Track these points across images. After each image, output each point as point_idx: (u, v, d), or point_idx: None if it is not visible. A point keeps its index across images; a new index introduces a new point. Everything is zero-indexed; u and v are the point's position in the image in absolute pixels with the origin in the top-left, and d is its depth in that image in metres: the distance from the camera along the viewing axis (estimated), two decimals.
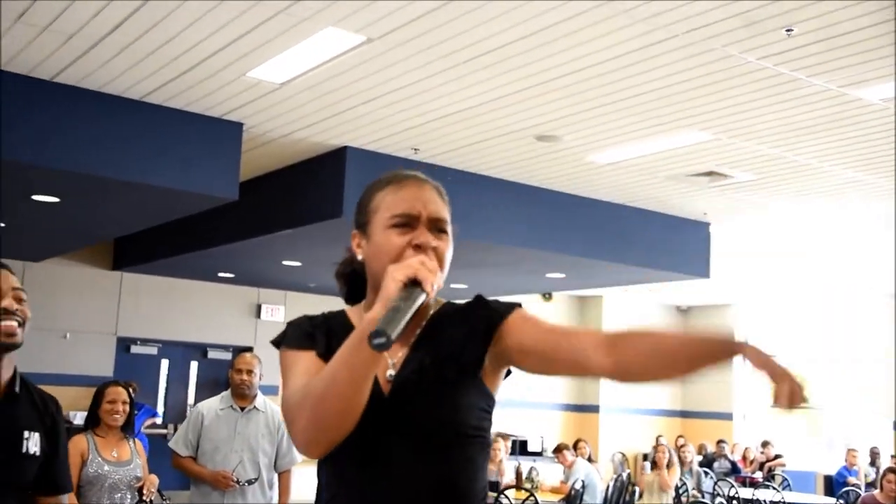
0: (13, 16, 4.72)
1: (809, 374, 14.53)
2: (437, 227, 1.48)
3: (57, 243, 9.25)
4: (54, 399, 2.37)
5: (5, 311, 2.15)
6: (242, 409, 4.54)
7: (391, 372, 1.49)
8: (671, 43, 4.69)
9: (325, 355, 1.49)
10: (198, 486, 4.52)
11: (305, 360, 1.50)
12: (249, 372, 4.55)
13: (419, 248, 1.45)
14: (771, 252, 10.42)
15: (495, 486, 8.23)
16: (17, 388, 2.23)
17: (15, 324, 2.17)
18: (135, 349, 11.25)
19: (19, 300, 2.20)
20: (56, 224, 7.85)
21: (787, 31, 4.43)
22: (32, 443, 2.21)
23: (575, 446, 10.01)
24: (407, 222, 1.47)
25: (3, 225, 7.97)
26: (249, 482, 4.45)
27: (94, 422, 4.29)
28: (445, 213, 1.51)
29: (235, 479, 4.39)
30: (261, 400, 4.62)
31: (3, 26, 4.86)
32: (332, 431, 1.39)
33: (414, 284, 1.33)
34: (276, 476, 4.64)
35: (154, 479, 4.36)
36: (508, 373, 1.60)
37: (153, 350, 11.42)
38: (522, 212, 7.90)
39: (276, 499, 4.67)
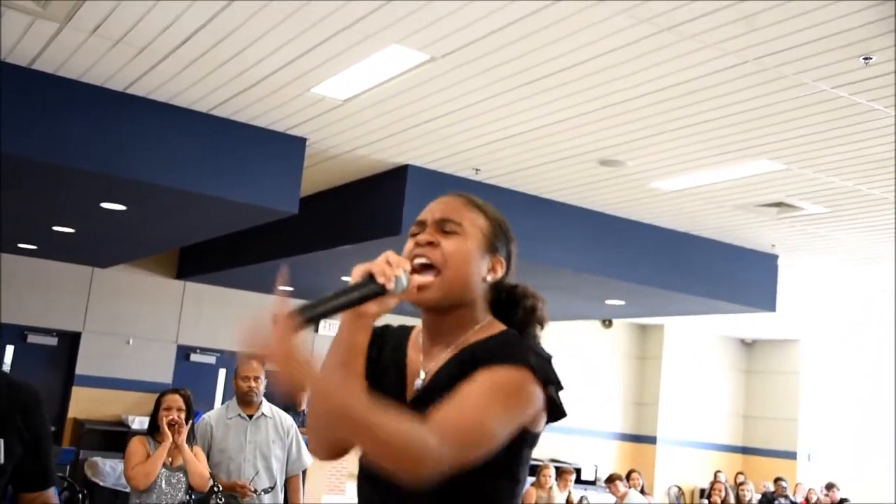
0: (89, 28, 4.84)
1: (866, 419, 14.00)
2: (441, 227, 1.55)
3: (124, 251, 9.45)
4: (32, 391, 2.20)
5: None
6: (250, 416, 4.52)
7: (419, 381, 1.55)
8: (742, 69, 4.57)
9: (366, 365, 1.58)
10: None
11: None
12: (256, 378, 4.52)
13: (417, 245, 1.54)
14: (840, 288, 10.08)
15: None
16: None
17: None
18: (194, 357, 11.42)
19: None
20: (123, 232, 8.02)
21: (865, 59, 4.27)
22: None
23: (628, 477, 9.79)
24: (419, 230, 1.57)
25: (73, 231, 8.18)
26: (266, 491, 4.43)
27: (153, 428, 4.36)
28: (457, 214, 1.56)
29: (253, 489, 4.36)
30: (266, 406, 4.59)
31: (78, 39, 5.00)
32: (319, 426, 1.52)
33: (370, 277, 1.42)
34: (283, 481, 4.61)
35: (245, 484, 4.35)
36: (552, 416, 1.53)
37: (211, 359, 11.57)
38: (583, 236, 7.79)
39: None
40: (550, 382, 1.46)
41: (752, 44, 4.26)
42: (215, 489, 4.32)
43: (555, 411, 1.49)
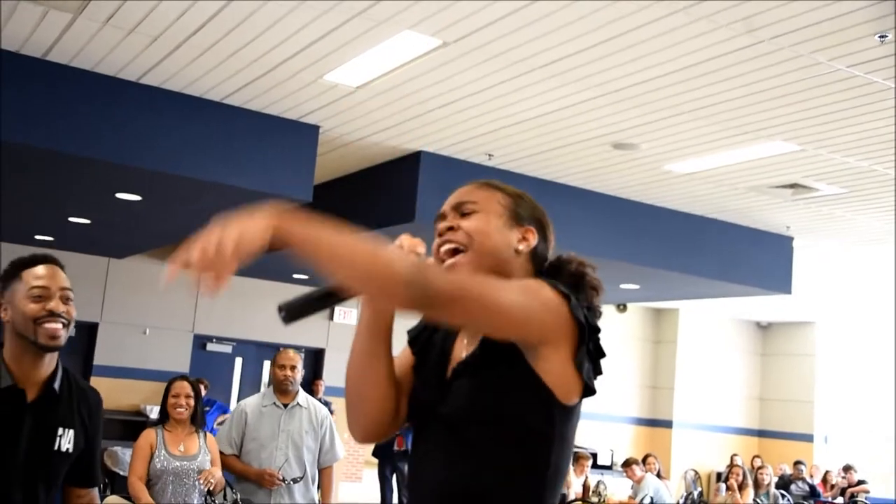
0: (102, 18, 4.86)
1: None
2: (459, 210, 1.58)
3: (139, 241, 9.50)
4: (95, 393, 2.35)
5: (51, 314, 2.12)
6: (285, 405, 4.51)
7: (463, 355, 1.56)
8: (755, 49, 4.54)
9: (412, 342, 1.67)
10: (242, 484, 4.47)
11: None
12: (293, 368, 4.51)
13: (440, 235, 1.59)
14: (856, 269, 10.02)
15: (562, 499, 8.11)
16: (56, 385, 2.19)
17: (59, 325, 2.14)
18: (210, 347, 11.49)
19: (66, 300, 2.18)
20: (139, 222, 8.06)
21: (881, 37, 4.24)
22: (66, 440, 2.20)
23: (644, 461, 9.79)
24: (439, 219, 1.62)
25: (89, 221, 8.23)
26: (295, 480, 4.42)
27: (164, 416, 4.38)
28: (471, 196, 1.59)
29: (281, 478, 4.36)
30: (302, 396, 4.58)
31: (91, 29, 5.01)
32: (354, 409, 1.57)
33: None
34: (317, 472, 4.62)
35: (214, 472, 4.36)
36: (596, 371, 1.50)
37: (228, 348, 11.65)
38: (597, 220, 7.77)
39: (317, 496, 4.65)
40: (570, 298, 1.44)
41: (766, 23, 4.23)
42: (235, 496, 4.35)
43: (581, 356, 1.44)
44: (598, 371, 1.48)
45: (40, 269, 2.17)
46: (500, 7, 4.29)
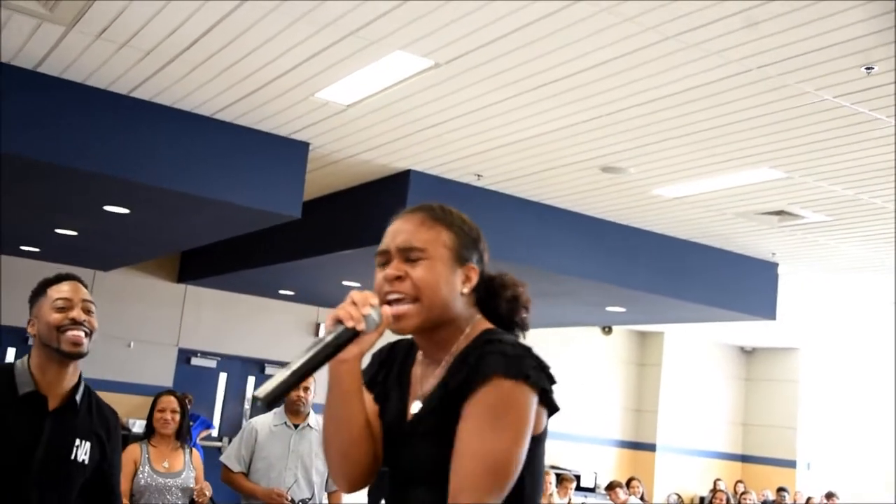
0: (95, 32, 4.86)
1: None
2: (406, 256, 1.54)
3: (126, 254, 9.47)
4: (114, 411, 2.47)
5: (74, 322, 2.27)
6: (296, 426, 4.50)
7: (418, 403, 1.56)
8: (744, 77, 4.59)
9: (370, 385, 1.64)
10: (249, 501, 4.47)
11: None
12: (306, 388, 4.50)
13: (386, 280, 1.54)
14: (840, 297, 10.09)
15: None
16: (77, 397, 2.33)
17: (82, 334, 2.28)
18: (195, 361, 11.43)
19: (88, 311, 2.33)
20: (126, 234, 8.04)
21: (867, 69, 4.30)
22: (82, 451, 2.29)
23: (628, 484, 9.79)
24: (383, 259, 1.57)
25: (75, 233, 8.19)
26: (304, 502, 4.39)
27: (150, 431, 4.36)
28: (418, 238, 1.54)
29: (290, 499, 4.34)
30: (313, 418, 4.57)
31: (84, 42, 5.02)
32: (337, 466, 1.56)
33: (340, 323, 1.44)
34: (325, 497, 4.59)
35: (206, 486, 4.34)
36: (551, 382, 1.52)
37: (212, 363, 11.58)
38: (584, 243, 7.80)
39: None
40: (535, 379, 1.45)
41: (755, 52, 4.28)
42: None
43: (549, 400, 1.49)
44: (552, 381, 1.50)
45: (64, 285, 2.38)
46: (493, 30, 4.32)
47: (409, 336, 1.61)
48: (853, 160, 5.64)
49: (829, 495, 12.77)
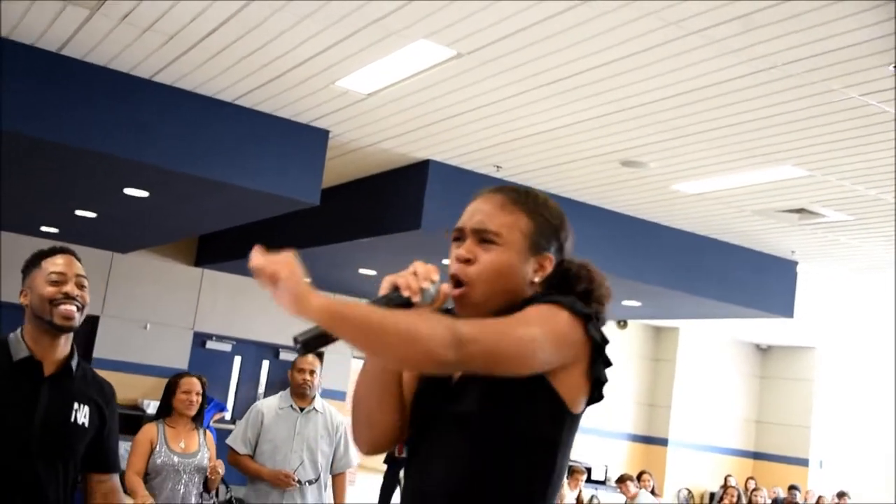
0: (119, 16, 4.88)
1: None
2: (479, 238, 1.52)
3: (144, 237, 9.52)
4: (109, 384, 2.50)
5: (67, 296, 2.30)
6: (302, 409, 4.52)
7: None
8: (769, 74, 4.54)
9: None
10: (255, 484, 4.49)
11: None
12: (312, 372, 4.53)
13: (457, 260, 1.53)
14: (859, 296, 10.01)
15: None
16: (73, 363, 2.36)
17: (74, 308, 2.31)
18: (210, 345, 11.49)
19: (80, 286, 2.35)
20: (144, 218, 8.08)
21: (895, 67, 4.24)
22: (82, 414, 2.34)
23: (639, 478, 9.78)
24: (458, 236, 1.55)
25: (95, 216, 8.24)
26: (309, 482, 4.44)
27: (166, 412, 4.38)
28: (494, 222, 1.51)
29: (296, 479, 4.38)
30: (319, 401, 4.60)
31: (108, 25, 5.03)
32: (361, 427, 1.57)
33: (396, 289, 1.42)
34: (329, 478, 4.63)
35: (219, 464, 4.37)
36: (598, 382, 1.51)
37: (227, 347, 11.64)
38: (602, 236, 7.77)
39: (330, 500, 4.65)
40: (589, 318, 1.45)
41: (780, 49, 4.24)
42: (232, 499, 4.35)
43: (597, 371, 1.47)
44: (605, 380, 1.51)
45: (58, 258, 2.39)
46: (517, 21, 4.30)
47: None
48: (877, 159, 5.58)
49: (841, 494, 12.72)
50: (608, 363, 1.50)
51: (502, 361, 1.36)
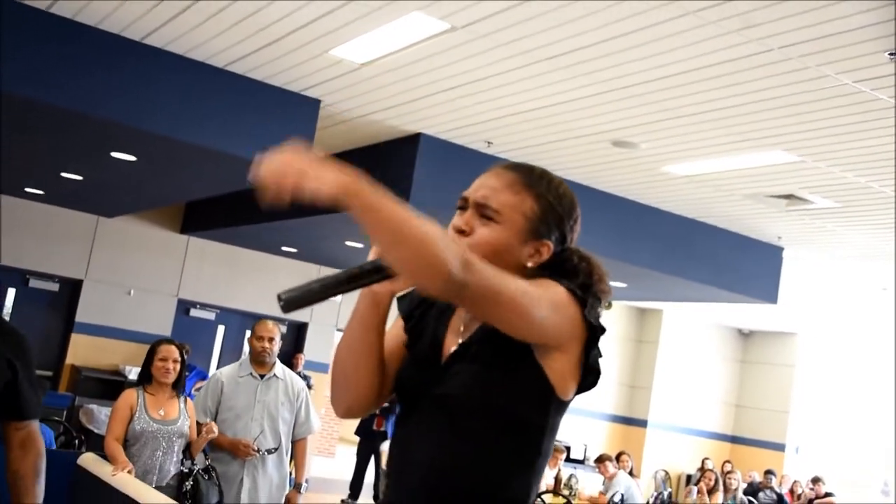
0: None
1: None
2: (480, 212, 1.49)
3: (130, 202, 9.45)
4: (20, 334, 2.52)
5: None
6: (262, 376, 4.49)
7: (460, 340, 1.53)
8: (764, 57, 4.53)
9: (406, 317, 1.63)
10: (215, 453, 4.47)
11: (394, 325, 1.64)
12: (271, 339, 4.50)
13: (454, 228, 1.50)
14: (843, 284, 10.08)
15: None
16: None
17: None
18: (194, 312, 11.46)
19: None
20: (131, 182, 8.01)
21: (891, 54, 4.24)
22: None
23: (618, 458, 9.85)
24: (462, 205, 1.52)
25: (81, 178, 8.17)
26: (269, 451, 4.42)
27: (146, 378, 4.36)
28: (498, 199, 1.48)
29: (256, 448, 4.37)
30: (279, 368, 4.57)
31: None
32: (339, 388, 1.56)
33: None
34: (290, 445, 4.61)
35: (213, 425, 4.33)
36: (591, 373, 1.51)
37: (211, 315, 11.62)
38: (590, 216, 7.65)
39: (290, 468, 4.65)
40: (586, 302, 1.45)
41: (777, 32, 4.23)
42: (210, 466, 4.34)
43: (592, 357, 1.48)
44: (599, 369, 1.51)
45: None
46: None
47: None
48: (868, 147, 5.60)
49: (816, 480, 12.88)
50: (600, 352, 1.50)
51: (502, 303, 1.34)
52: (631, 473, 9.83)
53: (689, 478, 13.97)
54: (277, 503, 4.46)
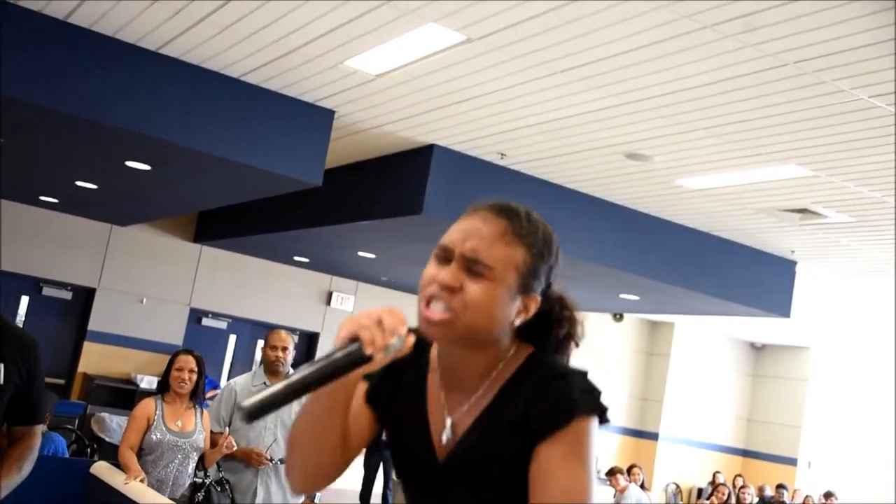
0: None
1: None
2: (469, 267, 1.34)
3: (144, 210, 9.49)
4: (31, 340, 2.52)
5: None
6: None
7: (447, 435, 1.41)
8: (779, 72, 4.52)
9: (371, 395, 1.50)
10: (228, 462, 4.48)
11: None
12: (284, 349, 4.52)
13: (439, 285, 1.34)
14: (856, 299, 10.02)
15: None
16: None
17: None
18: (206, 322, 11.49)
19: None
20: (145, 191, 8.05)
21: None
22: None
23: (629, 471, 9.81)
24: (444, 255, 1.36)
25: (95, 187, 8.21)
26: (282, 461, 4.43)
27: (164, 388, 4.38)
28: (490, 254, 1.34)
29: (269, 458, 4.37)
30: None
31: None
32: (294, 467, 1.45)
33: (356, 341, 1.25)
34: None
35: (231, 441, 4.33)
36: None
37: (223, 324, 11.64)
38: (603, 228, 7.77)
39: None
40: (602, 408, 1.38)
41: (793, 47, 4.22)
42: (223, 479, 4.34)
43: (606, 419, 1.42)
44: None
45: None
46: (528, 8, 4.27)
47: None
48: (882, 162, 5.57)
49: (828, 495, 12.78)
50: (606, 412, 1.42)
51: None
52: (642, 486, 9.78)
53: (700, 491, 13.89)
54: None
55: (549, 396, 1.35)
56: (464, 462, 1.39)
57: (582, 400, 1.35)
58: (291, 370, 4.60)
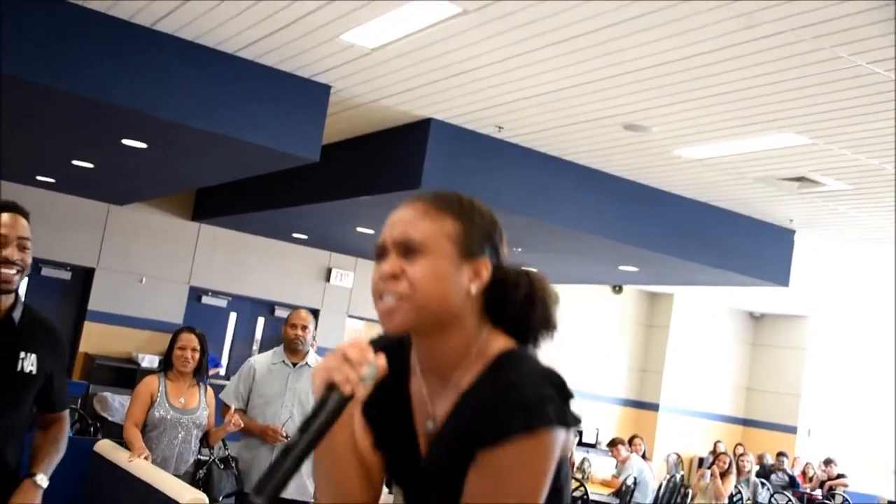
0: None
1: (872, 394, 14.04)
2: (404, 251, 1.35)
3: (141, 189, 9.47)
4: (56, 329, 2.56)
5: (6, 261, 2.30)
6: (294, 364, 4.55)
7: (430, 424, 1.42)
8: (776, 39, 4.50)
9: (363, 411, 1.48)
10: (246, 438, 4.54)
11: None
12: (304, 328, 4.56)
13: (382, 279, 1.36)
14: (855, 266, 10.04)
15: None
16: (15, 315, 2.39)
17: (13, 272, 2.32)
18: (205, 300, 11.50)
19: (23, 248, 2.35)
20: (142, 170, 8.03)
21: None
22: (29, 363, 2.39)
23: (630, 442, 9.88)
24: (381, 252, 1.39)
25: (92, 166, 8.19)
26: None
27: (167, 365, 4.40)
28: (417, 231, 1.35)
29: (285, 434, 4.41)
30: (312, 356, 4.63)
31: None
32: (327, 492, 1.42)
33: (333, 387, 1.24)
34: None
35: (237, 417, 4.34)
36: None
37: (223, 302, 11.65)
38: (601, 200, 7.76)
39: None
40: (559, 417, 1.30)
41: (789, 13, 4.19)
42: (228, 456, 4.36)
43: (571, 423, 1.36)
44: (570, 397, 1.38)
45: (4, 216, 2.35)
46: None
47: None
48: (881, 129, 5.56)
49: (828, 462, 12.89)
50: (571, 397, 1.38)
51: None
52: (644, 457, 9.85)
53: (701, 461, 14.00)
54: (306, 489, 4.49)
55: (488, 411, 1.29)
56: (438, 448, 1.39)
57: (525, 418, 1.27)
58: (311, 350, 4.63)
